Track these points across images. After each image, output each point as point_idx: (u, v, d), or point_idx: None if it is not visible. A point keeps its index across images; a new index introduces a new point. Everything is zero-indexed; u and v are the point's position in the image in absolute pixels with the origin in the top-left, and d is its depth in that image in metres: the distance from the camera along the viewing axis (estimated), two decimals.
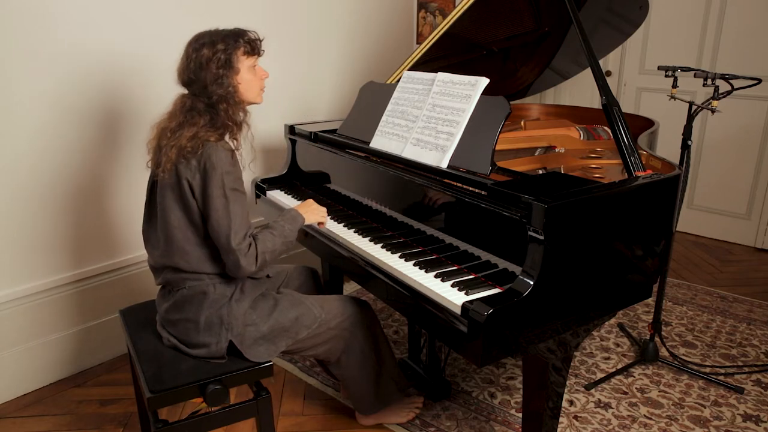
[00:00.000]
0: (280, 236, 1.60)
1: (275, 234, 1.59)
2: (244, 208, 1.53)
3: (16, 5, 1.96)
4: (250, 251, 1.51)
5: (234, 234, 1.48)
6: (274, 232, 1.59)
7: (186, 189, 1.50)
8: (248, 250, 1.50)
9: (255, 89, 1.62)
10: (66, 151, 2.18)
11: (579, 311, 1.42)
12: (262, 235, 1.56)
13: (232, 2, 2.66)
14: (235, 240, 1.48)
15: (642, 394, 2.16)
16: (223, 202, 1.48)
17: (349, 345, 1.77)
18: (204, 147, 1.48)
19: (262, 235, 1.56)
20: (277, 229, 1.61)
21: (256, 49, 1.59)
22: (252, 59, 1.59)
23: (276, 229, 1.61)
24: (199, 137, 1.48)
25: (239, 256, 1.49)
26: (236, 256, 1.49)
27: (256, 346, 1.57)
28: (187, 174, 1.49)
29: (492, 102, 1.62)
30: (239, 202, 1.51)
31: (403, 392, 2.00)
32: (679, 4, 3.50)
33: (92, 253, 2.34)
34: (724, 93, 2.01)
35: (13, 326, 2.14)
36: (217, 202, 1.48)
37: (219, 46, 1.53)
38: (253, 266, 1.52)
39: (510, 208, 1.36)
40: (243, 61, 1.57)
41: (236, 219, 1.49)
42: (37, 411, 2.11)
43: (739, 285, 3.10)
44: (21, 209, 2.10)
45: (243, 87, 1.58)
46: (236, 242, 1.48)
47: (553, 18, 2.38)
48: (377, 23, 3.55)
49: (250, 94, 1.62)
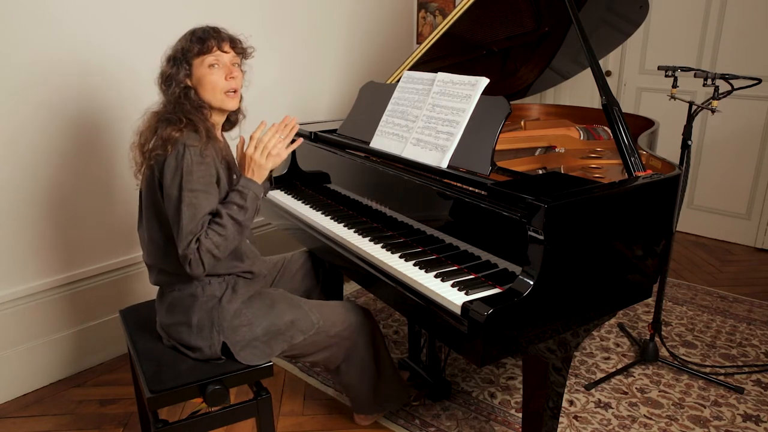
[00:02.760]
0: (228, 221, 1.46)
1: (222, 223, 1.45)
2: (199, 211, 1.43)
3: (15, 6, 1.96)
4: (194, 258, 1.42)
5: (180, 241, 1.41)
6: (221, 221, 1.46)
7: (156, 188, 1.49)
8: (192, 258, 1.42)
9: (214, 91, 1.51)
10: (65, 151, 2.18)
11: (579, 311, 1.42)
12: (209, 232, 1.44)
13: (232, 3, 2.66)
14: (181, 245, 1.41)
15: (642, 394, 2.16)
16: (176, 203, 1.42)
17: (349, 354, 1.75)
18: (174, 146, 1.43)
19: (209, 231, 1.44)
20: (223, 215, 1.46)
21: (207, 46, 1.48)
22: (207, 57, 1.49)
23: (222, 216, 1.46)
24: (164, 137, 1.44)
25: (185, 264, 1.43)
26: (183, 263, 1.43)
27: (250, 348, 1.55)
28: (157, 172, 1.47)
29: (492, 102, 1.62)
30: (194, 204, 1.42)
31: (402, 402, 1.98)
32: (679, 4, 3.50)
33: (92, 253, 2.34)
34: (724, 93, 2.01)
35: (13, 326, 2.14)
36: (171, 203, 1.43)
37: (176, 45, 1.52)
38: (201, 269, 1.44)
39: (510, 208, 1.36)
40: (196, 58, 1.49)
41: (184, 225, 1.41)
42: (37, 411, 2.11)
43: (739, 285, 3.10)
44: (21, 209, 2.10)
45: (201, 88, 1.51)
46: (182, 248, 1.41)
47: (553, 18, 2.38)
48: (377, 23, 3.55)
49: (209, 95, 1.52)
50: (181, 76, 1.50)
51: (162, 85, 1.54)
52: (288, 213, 2.12)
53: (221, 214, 1.47)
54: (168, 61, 1.53)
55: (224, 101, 1.54)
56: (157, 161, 1.46)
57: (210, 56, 1.50)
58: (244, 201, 1.51)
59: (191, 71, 1.51)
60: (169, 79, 1.51)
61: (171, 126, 1.46)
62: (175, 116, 1.48)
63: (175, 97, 1.50)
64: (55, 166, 2.16)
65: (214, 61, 1.51)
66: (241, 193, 1.51)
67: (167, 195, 1.45)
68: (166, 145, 1.44)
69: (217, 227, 1.46)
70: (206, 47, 1.49)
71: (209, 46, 1.49)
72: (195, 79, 1.52)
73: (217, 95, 1.53)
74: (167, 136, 1.44)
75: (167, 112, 1.50)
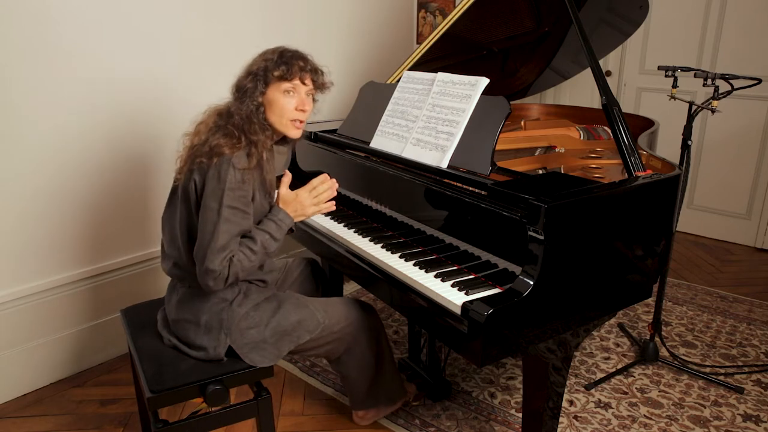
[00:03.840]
0: (260, 250, 1.50)
1: (255, 249, 1.49)
2: (236, 228, 1.45)
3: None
4: (220, 276, 1.44)
5: (212, 253, 1.41)
6: (254, 247, 1.48)
7: (192, 191, 1.49)
8: (219, 274, 1.43)
9: (282, 116, 1.52)
10: (67, 152, 2.18)
11: (579, 311, 1.42)
12: (240, 255, 1.46)
13: (232, 3, 2.66)
14: (210, 261, 1.41)
15: (642, 394, 2.16)
16: (214, 217, 1.43)
17: (350, 348, 1.77)
18: (220, 158, 1.43)
19: (240, 254, 1.46)
20: (257, 242, 1.49)
21: (290, 73, 1.49)
22: (285, 83, 1.50)
23: (257, 242, 1.49)
24: (214, 147, 1.44)
25: (207, 277, 1.43)
26: (204, 275, 1.43)
27: (259, 350, 1.56)
28: (197, 177, 1.47)
29: (492, 102, 1.62)
30: (232, 221, 1.44)
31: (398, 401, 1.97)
32: (679, 4, 3.50)
33: (92, 252, 2.34)
34: (724, 93, 2.01)
35: (13, 326, 2.14)
36: (209, 214, 1.44)
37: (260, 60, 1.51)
38: (221, 286, 1.47)
39: (510, 208, 1.36)
40: (275, 82, 1.50)
41: (220, 239, 1.42)
42: (37, 411, 2.11)
43: (739, 285, 3.10)
44: (21, 209, 2.10)
45: (269, 109, 1.52)
46: (210, 263, 1.41)
47: (552, 18, 2.38)
48: (377, 23, 3.55)
49: (275, 118, 1.52)
50: (257, 94, 1.50)
51: (236, 93, 1.54)
52: None
53: (255, 240, 1.50)
54: (248, 75, 1.52)
55: (288, 128, 1.56)
56: (200, 168, 1.46)
57: (289, 83, 1.51)
58: (280, 234, 1.55)
59: (266, 90, 1.51)
60: (244, 92, 1.51)
61: (226, 138, 1.46)
62: (236, 131, 1.47)
63: (246, 111, 1.50)
64: (55, 167, 2.16)
65: (291, 89, 1.52)
66: (278, 226, 1.55)
67: (205, 205, 1.45)
68: (211, 154, 1.44)
69: (248, 251, 1.48)
70: (290, 74, 1.49)
71: (292, 73, 1.50)
72: (267, 99, 1.52)
73: (283, 121, 1.54)
74: (217, 147, 1.44)
75: (230, 122, 1.49)
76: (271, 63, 1.50)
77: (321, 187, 1.60)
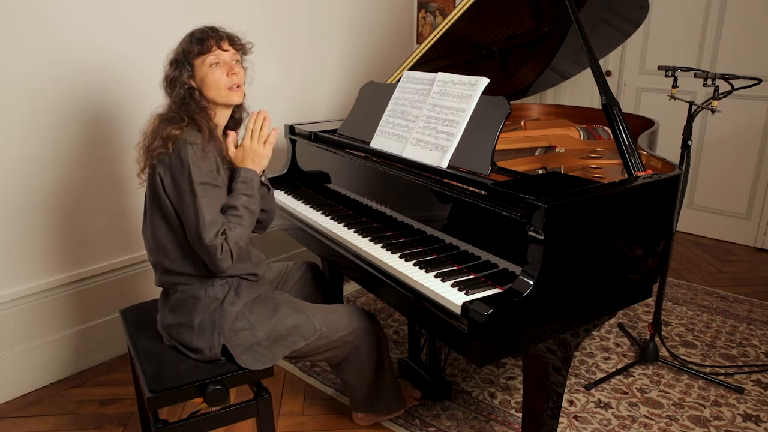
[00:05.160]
0: (244, 212, 1.52)
1: (240, 213, 1.51)
2: (215, 202, 1.48)
3: (14, 5, 1.96)
4: (224, 249, 1.46)
5: (204, 230, 1.43)
6: (237, 212, 1.51)
7: (159, 187, 1.50)
8: (222, 248, 1.46)
9: (218, 88, 1.54)
10: (65, 150, 2.18)
11: (579, 311, 1.42)
12: (230, 224, 1.49)
13: (232, 3, 2.66)
14: (207, 236, 1.43)
15: (642, 394, 2.16)
16: (190, 198, 1.45)
17: (350, 356, 1.77)
18: (175, 142, 1.45)
19: (230, 224, 1.49)
20: (238, 207, 1.52)
21: (206, 46, 1.51)
22: (208, 57, 1.52)
23: (238, 208, 1.51)
24: (165, 135, 1.46)
25: (214, 254, 1.45)
26: (210, 254, 1.45)
27: (252, 353, 1.55)
28: (160, 170, 1.49)
29: (492, 102, 1.62)
30: (209, 195, 1.46)
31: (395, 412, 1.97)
32: (679, 4, 3.50)
33: (92, 252, 2.34)
34: (724, 93, 2.01)
35: (13, 326, 2.14)
36: (185, 197, 1.45)
37: (177, 48, 1.54)
38: (230, 261, 1.49)
39: (510, 208, 1.36)
40: (197, 59, 1.52)
41: (206, 214, 1.44)
42: (37, 411, 2.11)
43: (739, 285, 3.10)
44: (21, 209, 2.10)
45: (205, 87, 1.54)
46: (208, 239, 1.43)
47: (553, 18, 2.38)
48: (377, 23, 3.55)
49: (213, 93, 1.54)
50: (185, 78, 1.52)
51: (167, 88, 1.56)
52: (288, 213, 2.12)
53: (236, 206, 1.52)
54: (171, 65, 1.55)
55: (229, 96, 1.57)
56: (160, 160, 1.48)
57: (210, 55, 1.53)
58: (251, 190, 1.56)
59: (194, 72, 1.53)
60: (173, 81, 1.53)
61: (172, 125, 1.48)
62: (177, 116, 1.50)
63: (180, 98, 1.52)
64: (56, 167, 2.16)
65: (214, 60, 1.53)
66: (246, 183, 1.56)
67: (179, 192, 1.46)
68: (166, 143, 1.46)
69: (234, 218, 1.51)
70: (206, 47, 1.52)
71: (209, 45, 1.52)
72: (198, 80, 1.54)
73: (221, 92, 1.55)
74: (167, 134, 1.46)
75: (170, 113, 1.52)
76: (187, 45, 1.53)
77: (256, 125, 1.60)
